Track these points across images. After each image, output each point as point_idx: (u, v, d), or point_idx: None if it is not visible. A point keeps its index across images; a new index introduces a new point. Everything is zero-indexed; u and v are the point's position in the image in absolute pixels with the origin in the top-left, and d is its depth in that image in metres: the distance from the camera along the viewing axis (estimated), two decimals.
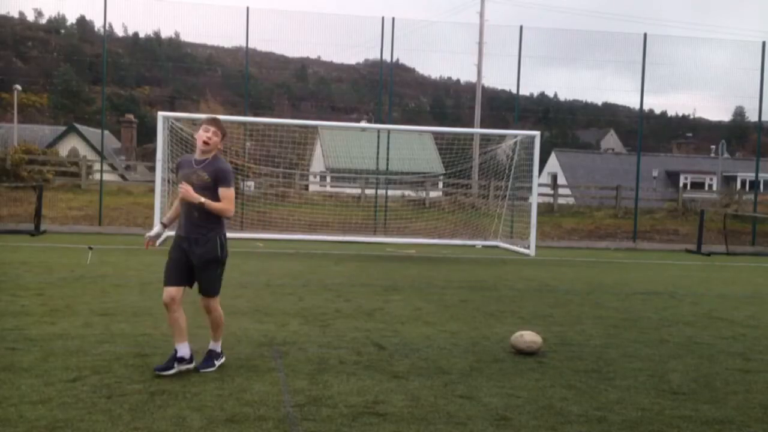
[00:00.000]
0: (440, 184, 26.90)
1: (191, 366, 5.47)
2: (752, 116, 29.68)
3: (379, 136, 22.14)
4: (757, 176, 24.84)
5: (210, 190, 5.38)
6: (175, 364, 5.36)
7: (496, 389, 5.33)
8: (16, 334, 6.45)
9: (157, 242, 6.12)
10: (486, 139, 22.77)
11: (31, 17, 68.14)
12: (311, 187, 28.73)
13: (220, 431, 4.23)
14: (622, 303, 9.98)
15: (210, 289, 5.57)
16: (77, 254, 12.99)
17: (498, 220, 19.47)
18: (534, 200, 17.78)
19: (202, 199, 5.32)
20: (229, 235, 5.76)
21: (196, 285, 5.61)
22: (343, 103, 61.18)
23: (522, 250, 17.46)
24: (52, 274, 10.49)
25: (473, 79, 32.97)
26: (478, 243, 18.99)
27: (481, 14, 32.24)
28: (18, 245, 14.55)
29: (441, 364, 6.04)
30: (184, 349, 5.43)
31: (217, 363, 5.65)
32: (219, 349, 5.76)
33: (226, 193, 5.42)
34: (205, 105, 48.34)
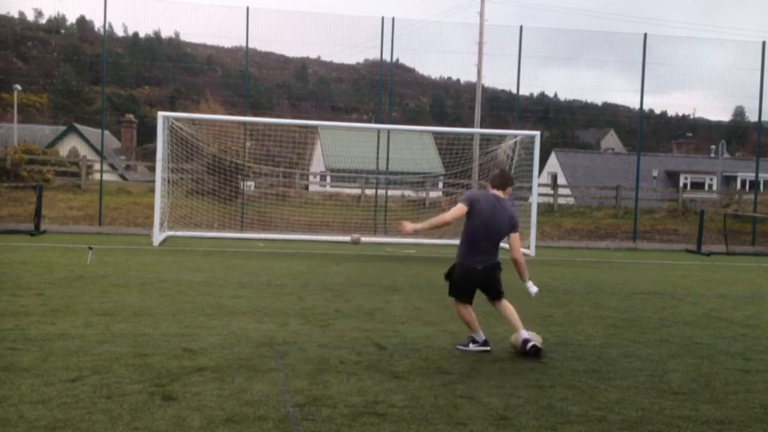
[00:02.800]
0: (440, 184, 26.90)
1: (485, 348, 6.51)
2: (752, 116, 29.68)
3: (379, 136, 22.14)
4: (757, 176, 24.86)
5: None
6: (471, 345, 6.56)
7: (496, 389, 5.32)
8: (16, 334, 6.45)
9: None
10: (486, 139, 22.78)
11: (31, 17, 68.18)
12: (311, 187, 28.73)
13: (220, 431, 4.23)
14: (622, 303, 9.98)
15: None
16: (77, 254, 12.99)
17: None
18: (534, 200, 17.78)
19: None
20: (229, 235, 5.83)
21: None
22: (343, 103, 61.17)
23: (522, 250, 17.44)
24: (52, 274, 10.49)
25: (473, 79, 32.92)
26: None
27: (481, 14, 32.21)
28: (18, 245, 14.55)
29: (441, 364, 6.04)
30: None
31: (472, 347, 6.53)
32: (478, 338, 6.55)
33: None
34: (205, 105, 48.28)
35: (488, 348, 6.55)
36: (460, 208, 6.43)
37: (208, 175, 20.42)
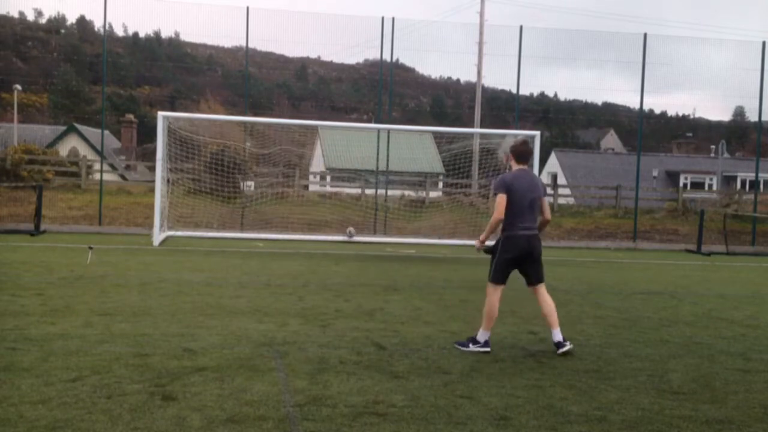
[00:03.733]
0: (440, 184, 26.90)
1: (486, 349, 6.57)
2: (752, 116, 29.66)
3: (379, 136, 22.14)
4: (757, 176, 24.84)
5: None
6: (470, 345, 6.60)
7: (496, 389, 5.33)
8: (16, 334, 6.45)
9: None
10: (486, 139, 22.77)
11: (31, 17, 68.20)
12: (311, 187, 28.74)
13: (220, 431, 4.23)
14: (622, 303, 9.98)
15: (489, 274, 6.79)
16: (77, 254, 12.99)
17: None
18: None
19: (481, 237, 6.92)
20: (229, 235, 5.84)
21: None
22: (343, 103, 61.18)
23: None
24: (52, 274, 10.49)
25: (473, 79, 32.97)
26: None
27: (481, 14, 32.25)
28: (18, 245, 14.55)
29: (441, 364, 6.04)
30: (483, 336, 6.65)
31: (472, 347, 6.53)
32: (481, 338, 6.57)
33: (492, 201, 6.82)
34: (205, 105, 48.33)
35: (488, 349, 6.55)
36: (501, 198, 6.54)
37: (208, 174, 20.42)
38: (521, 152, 6.74)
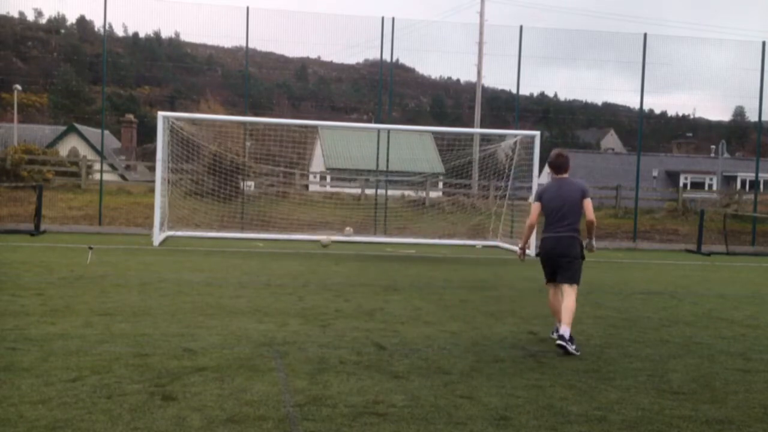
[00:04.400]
0: (440, 184, 26.88)
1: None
2: (752, 116, 29.65)
3: (379, 136, 22.14)
4: (757, 176, 24.84)
5: None
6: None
7: (496, 389, 5.33)
8: (16, 334, 6.45)
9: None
10: (486, 140, 22.79)
11: (31, 17, 68.13)
12: (311, 187, 28.75)
13: (220, 431, 4.23)
14: (622, 303, 9.98)
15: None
16: (77, 254, 12.99)
17: (498, 220, 19.47)
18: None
19: None
20: (229, 235, 5.83)
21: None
22: (343, 103, 61.16)
23: (527, 251, 17.42)
24: (52, 274, 10.49)
25: (473, 79, 32.99)
26: (478, 243, 18.99)
27: (481, 14, 32.26)
28: (18, 245, 14.55)
29: (441, 364, 6.04)
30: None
31: (553, 334, 6.99)
32: (556, 327, 6.98)
33: None
34: (205, 105, 48.32)
35: (561, 343, 6.56)
36: (533, 206, 7.27)
37: (208, 175, 20.43)
38: (552, 164, 7.28)
